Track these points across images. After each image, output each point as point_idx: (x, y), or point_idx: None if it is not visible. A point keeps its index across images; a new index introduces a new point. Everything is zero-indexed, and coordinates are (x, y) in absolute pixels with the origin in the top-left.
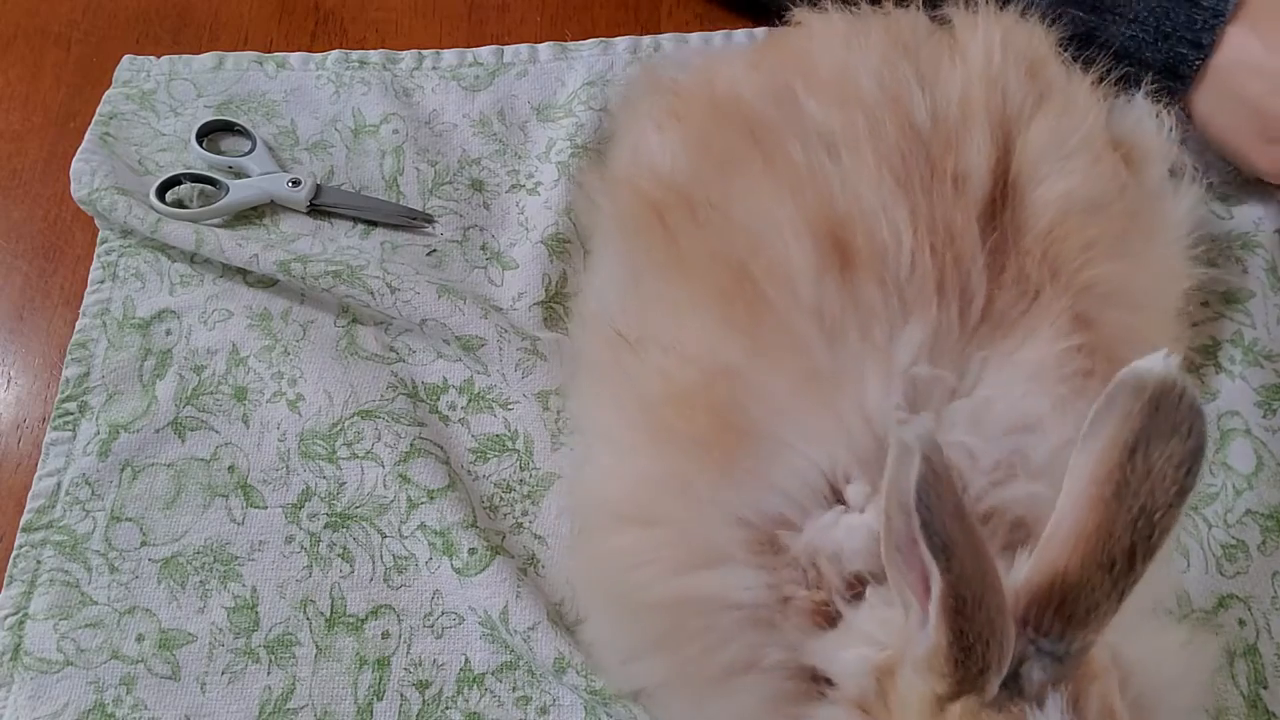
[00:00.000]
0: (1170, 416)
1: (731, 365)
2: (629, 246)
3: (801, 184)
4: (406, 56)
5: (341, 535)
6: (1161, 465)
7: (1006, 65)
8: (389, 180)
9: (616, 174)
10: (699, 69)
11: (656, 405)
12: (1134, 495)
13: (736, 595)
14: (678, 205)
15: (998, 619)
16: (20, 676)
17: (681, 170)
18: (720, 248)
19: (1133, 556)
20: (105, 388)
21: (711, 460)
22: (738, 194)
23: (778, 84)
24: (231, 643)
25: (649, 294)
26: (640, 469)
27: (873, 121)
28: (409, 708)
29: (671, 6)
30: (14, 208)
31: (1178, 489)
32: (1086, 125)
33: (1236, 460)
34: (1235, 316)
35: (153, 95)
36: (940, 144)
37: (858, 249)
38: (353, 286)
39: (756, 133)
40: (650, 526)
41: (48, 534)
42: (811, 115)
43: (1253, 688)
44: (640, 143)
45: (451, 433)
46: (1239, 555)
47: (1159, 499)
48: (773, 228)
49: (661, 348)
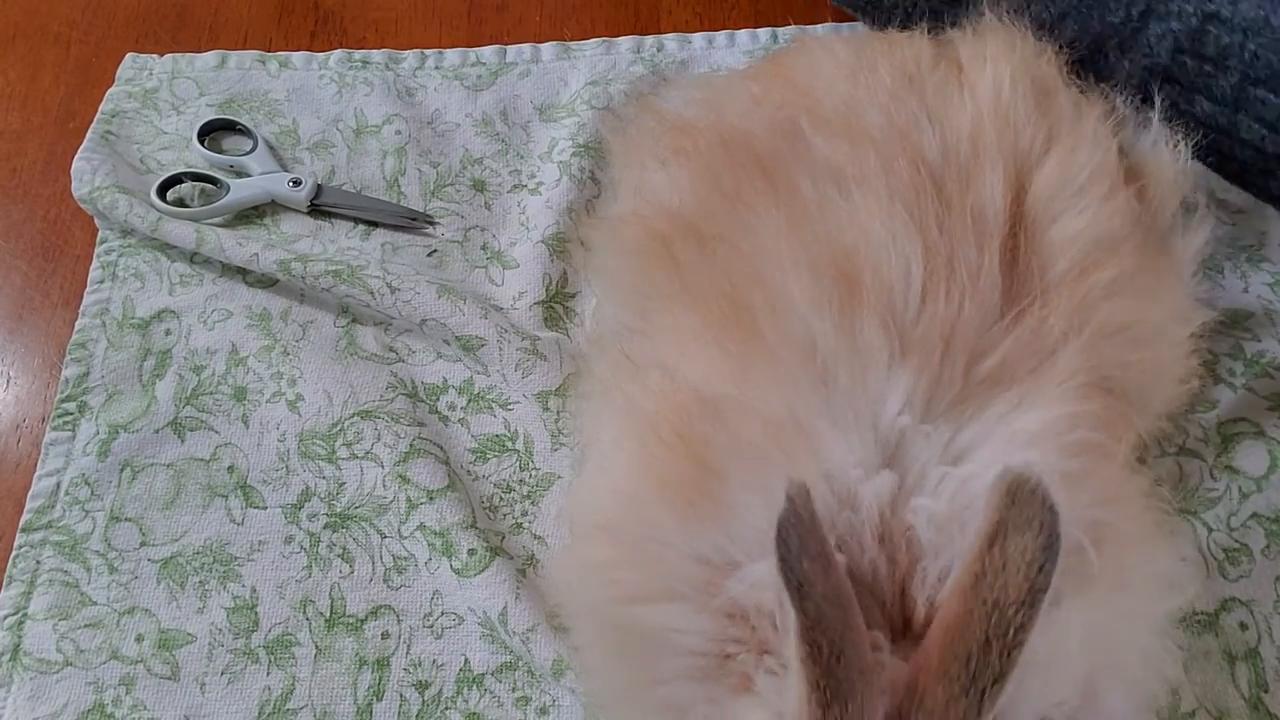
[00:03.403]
0: (1024, 510)
1: (718, 396)
2: (636, 280)
3: (809, 218)
4: (409, 56)
5: (341, 535)
6: (1016, 559)
7: (1016, 99)
8: (390, 180)
9: (620, 213)
10: (700, 104)
11: (646, 426)
12: (989, 587)
13: (681, 640)
14: (685, 237)
15: (859, 681)
16: (20, 677)
17: (688, 204)
18: (725, 279)
19: (987, 650)
20: (105, 388)
21: (681, 492)
22: (746, 226)
23: (783, 119)
24: (231, 643)
25: (656, 324)
26: (620, 485)
27: (884, 157)
28: (408, 708)
29: (671, 5)
30: (13, 207)
31: (1029, 585)
32: (1098, 159)
33: (1245, 462)
34: (1233, 331)
35: (155, 93)
36: (953, 180)
37: (863, 284)
38: (353, 286)
39: (767, 167)
40: (620, 545)
41: (47, 534)
42: (819, 151)
43: (1254, 691)
44: (644, 181)
45: (451, 433)
46: (1242, 559)
47: (1011, 593)
48: (775, 259)
49: (663, 371)
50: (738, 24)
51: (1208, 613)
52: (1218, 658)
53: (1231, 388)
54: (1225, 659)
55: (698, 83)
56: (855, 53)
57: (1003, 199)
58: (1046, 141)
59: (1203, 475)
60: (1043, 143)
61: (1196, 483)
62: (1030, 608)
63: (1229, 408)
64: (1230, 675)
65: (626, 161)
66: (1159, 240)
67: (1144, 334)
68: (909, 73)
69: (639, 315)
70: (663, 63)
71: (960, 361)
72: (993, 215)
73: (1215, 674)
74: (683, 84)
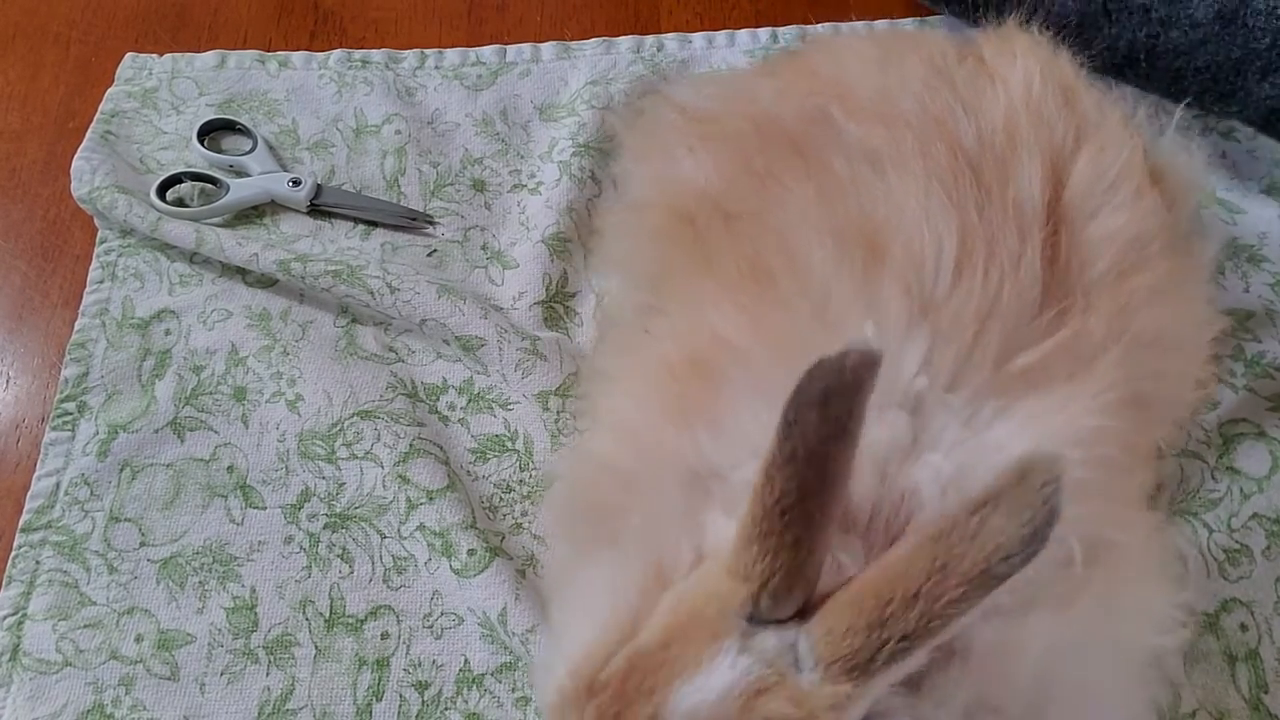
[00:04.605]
0: (1024, 495)
1: (730, 339)
2: (656, 261)
3: (841, 192)
4: (409, 56)
5: (341, 536)
6: (988, 536)
7: (1046, 94)
8: (390, 180)
9: (640, 199)
10: (719, 96)
11: (657, 364)
12: (947, 548)
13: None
14: (710, 214)
15: (795, 547)
16: (19, 677)
17: (716, 185)
18: (748, 247)
19: (910, 605)
20: (104, 388)
21: (683, 403)
22: (776, 201)
23: (812, 107)
24: (230, 643)
25: (673, 296)
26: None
27: (921, 141)
28: (408, 708)
29: (671, 5)
30: (13, 207)
31: (985, 568)
32: (1126, 157)
33: (1246, 463)
34: (1234, 332)
35: (155, 93)
36: (991, 169)
37: (890, 253)
38: (352, 286)
39: (800, 147)
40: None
41: (47, 534)
42: (852, 134)
43: (1254, 692)
44: (667, 167)
45: (451, 433)
46: (1242, 560)
47: (965, 565)
48: (800, 228)
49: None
50: (738, 24)
51: (1208, 614)
52: (1218, 659)
53: (1232, 388)
54: (1226, 660)
55: (712, 79)
56: (880, 46)
57: (1040, 192)
58: (1076, 138)
59: (1204, 476)
60: (1074, 139)
61: (1197, 484)
62: (976, 589)
63: (1230, 409)
64: (1231, 676)
65: (642, 153)
66: (1182, 243)
67: (1175, 341)
68: (937, 65)
69: (656, 294)
70: (663, 62)
71: (993, 348)
72: (1031, 208)
73: (1216, 675)
74: (695, 80)
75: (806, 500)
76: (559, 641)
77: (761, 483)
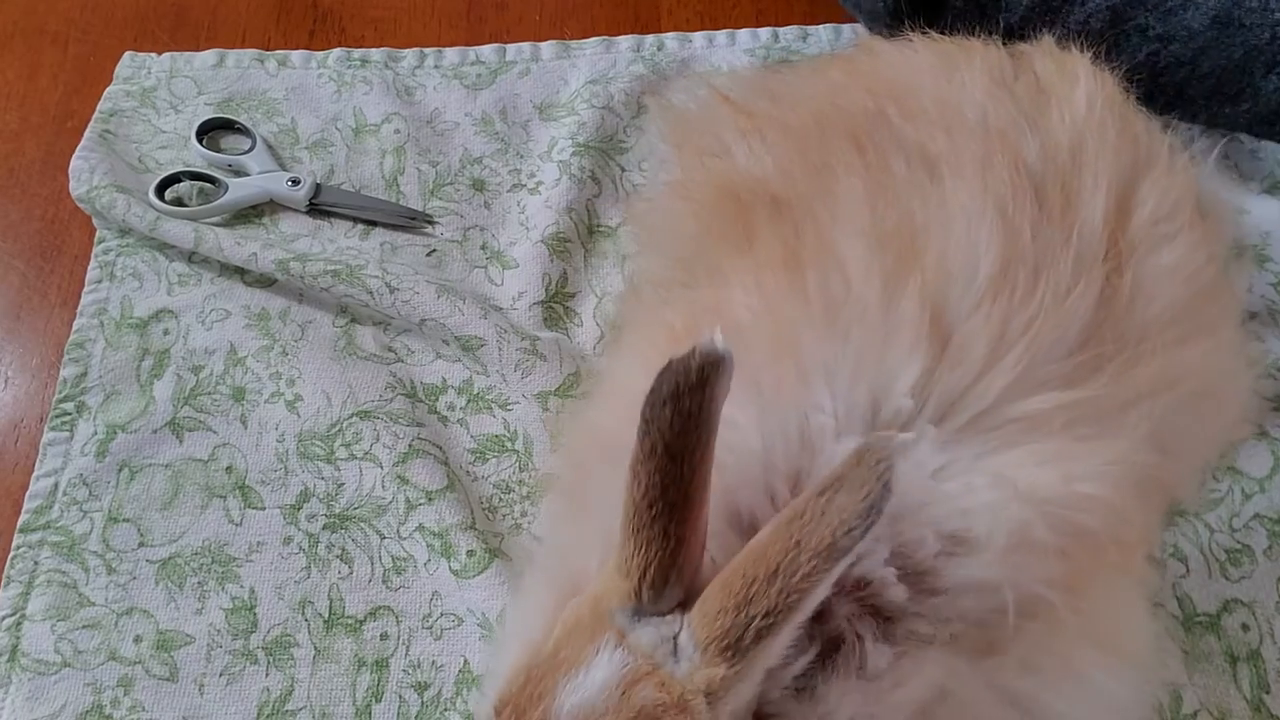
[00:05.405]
0: (862, 475)
1: (737, 315)
2: (699, 230)
3: (892, 194)
4: (409, 55)
5: (340, 536)
6: (834, 513)
7: (1109, 119)
8: (389, 180)
9: (687, 178)
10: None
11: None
12: (800, 527)
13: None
14: (757, 195)
15: (672, 525)
16: (18, 677)
17: (768, 171)
18: (788, 234)
19: (771, 581)
20: (103, 388)
21: None
22: (827, 193)
23: (871, 108)
24: (229, 644)
25: (709, 265)
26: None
27: (985, 151)
28: (408, 709)
29: (671, 5)
30: (11, 207)
31: (832, 541)
32: (1181, 187)
33: (1248, 463)
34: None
35: (153, 92)
36: (1054, 189)
37: (923, 262)
38: (352, 286)
39: (862, 144)
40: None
41: (45, 535)
42: (910, 138)
43: (1255, 692)
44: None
45: (450, 433)
46: (1244, 560)
47: (814, 540)
48: (842, 224)
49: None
50: (738, 23)
51: (1209, 614)
52: (1220, 659)
53: None
54: (1227, 660)
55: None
56: (938, 54)
57: (1103, 222)
58: (1135, 165)
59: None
60: (1137, 167)
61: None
62: (826, 560)
63: None
64: (1232, 676)
65: (684, 138)
66: (1224, 278)
67: (1214, 394)
68: (997, 76)
69: (689, 271)
70: (663, 61)
71: (1001, 383)
72: (1093, 237)
73: (1217, 675)
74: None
75: (670, 492)
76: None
77: (629, 480)
